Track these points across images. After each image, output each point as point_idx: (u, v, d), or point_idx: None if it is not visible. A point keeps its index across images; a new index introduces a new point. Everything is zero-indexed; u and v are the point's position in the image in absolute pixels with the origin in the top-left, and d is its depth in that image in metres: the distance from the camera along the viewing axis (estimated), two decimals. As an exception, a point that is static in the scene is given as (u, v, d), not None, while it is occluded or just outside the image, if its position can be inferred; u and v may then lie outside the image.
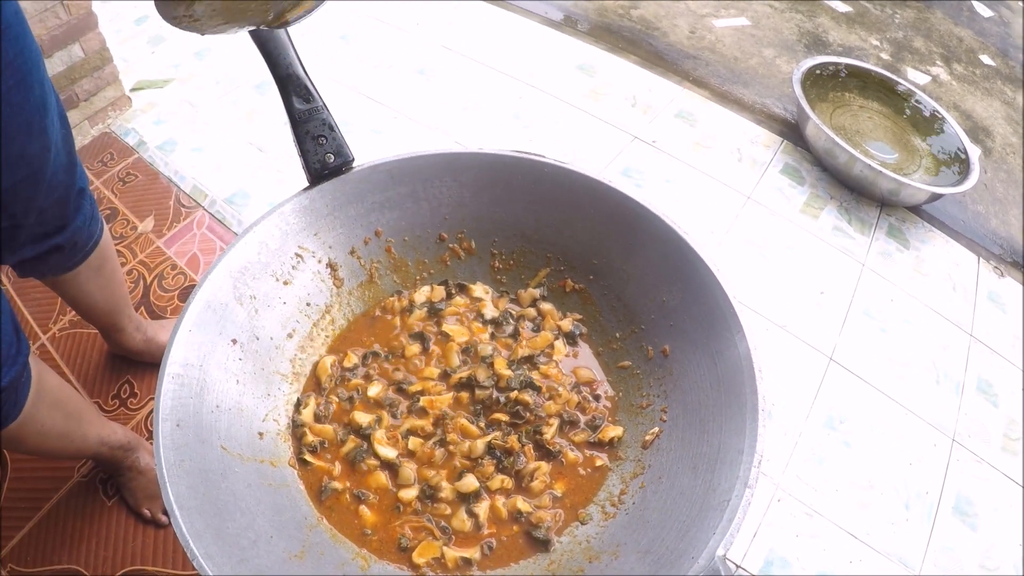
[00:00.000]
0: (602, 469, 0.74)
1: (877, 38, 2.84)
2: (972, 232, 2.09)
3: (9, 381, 0.84)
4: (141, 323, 1.41)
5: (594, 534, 0.68)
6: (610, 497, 0.71)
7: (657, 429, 0.74)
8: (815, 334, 1.71)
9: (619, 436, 0.76)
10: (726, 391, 0.67)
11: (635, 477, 0.71)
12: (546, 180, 0.84)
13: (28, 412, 0.92)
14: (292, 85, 0.76)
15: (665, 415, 0.74)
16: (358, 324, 0.87)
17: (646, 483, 0.69)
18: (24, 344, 0.88)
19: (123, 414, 1.41)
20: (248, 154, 1.95)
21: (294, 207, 0.79)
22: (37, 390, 0.93)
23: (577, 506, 0.71)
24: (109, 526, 1.27)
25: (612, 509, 0.70)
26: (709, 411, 0.68)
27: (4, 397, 0.86)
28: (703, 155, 2.12)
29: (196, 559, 0.52)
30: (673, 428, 0.72)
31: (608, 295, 0.85)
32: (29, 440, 0.97)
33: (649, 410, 0.76)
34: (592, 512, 0.71)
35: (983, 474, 1.53)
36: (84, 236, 1.07)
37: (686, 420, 0.71)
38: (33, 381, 0.92)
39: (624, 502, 0.70)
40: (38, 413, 0.95)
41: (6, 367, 0.83)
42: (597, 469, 0.74)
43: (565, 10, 2.76)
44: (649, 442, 0.73)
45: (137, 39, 2.36)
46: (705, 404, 0.69)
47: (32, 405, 0.92)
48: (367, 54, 2.34)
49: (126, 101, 2.05)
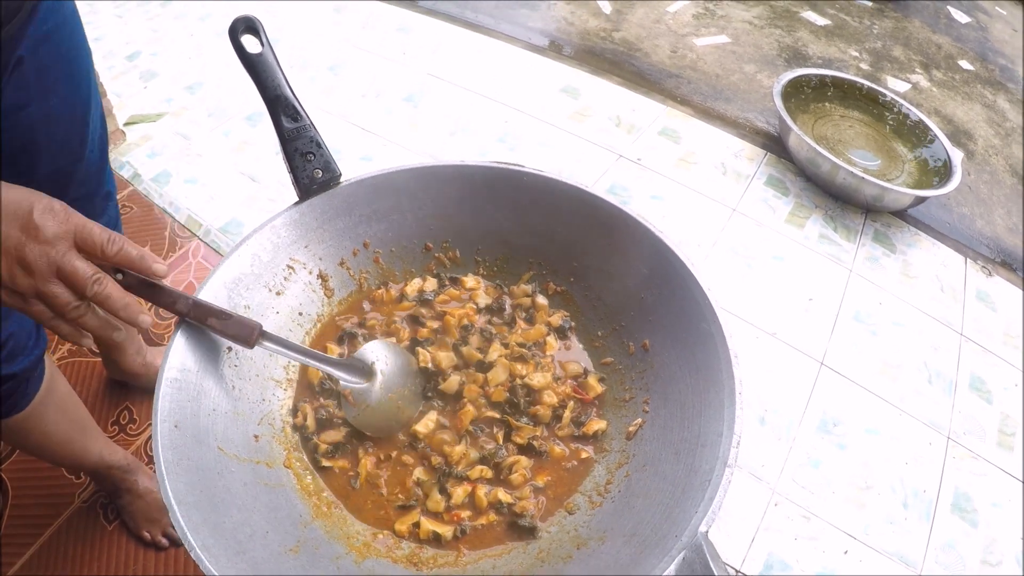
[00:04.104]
0: (587, 461, 0.76)
1: (856, 49, 2.91)
2: (958, 234, 2.13)
3: (23, 369, 0.87)
4: (143, 347, 1.44)
5: (582, 523, 0.70)
6: (596, 487, 0.73)
7: (640, 420, 0.76)
8: (805, 340, 1.73)
9: (603, 429, 0.78)
10: (704, 378, 0.69)
11: (620, 467, 0.73)
12: (525, 188, 0.87)
13: (36, 408, 0.95)
14: (281, 105, 0.80)
15: (647, 406, 0.76)
16: (345, 319, 0.89)
17: (631, 472, 0.71)
18: (43, 339, 0.92)
19: (122, 440, 1.42)
20: (241, 184, 1.99)
21: (285, 221, 0.82)
22: (48, 388, 0.96)
23: (562, 496, 0.73)
24: (110, 551, 1.28)
25: (599, 498, 0.71)
26: (689, 399, 0.70)
27: (16, 384, 0.88)
28: (688, 171, 2.16)
29: (194, 550, 0.53)
30: (655, 418, 0.74)
31: (589, 295, 0.88)
32: (32, 437, 1.00)
33: (632, 403, 0.78)
34: (579, 502, 0.73)
35: (980, 470, 1.55)
36: None
37: (667, 409, 0.73)
38: (45, 379, 0.95)
39: (610, 491, 0.71)
40: (45, 411, 0.97)
41: (22, 355, 0.87)
42: (583, 461, 0.76)
43: (549, 35, 2.83)
44: (633, 433, 0.75)
45: (129, 74, 2.42)
46: (685, 392, 0.71)
47: (40, 402, 0.95)
48: (355, 84, 2.39)
49: (120, 135, 2.10)
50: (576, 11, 3.00)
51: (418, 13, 2.81)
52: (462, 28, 2.74)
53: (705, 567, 0.54)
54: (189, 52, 2.55)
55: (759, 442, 1.52)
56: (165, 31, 2.68)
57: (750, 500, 1.44)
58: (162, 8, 2.83)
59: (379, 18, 2.77)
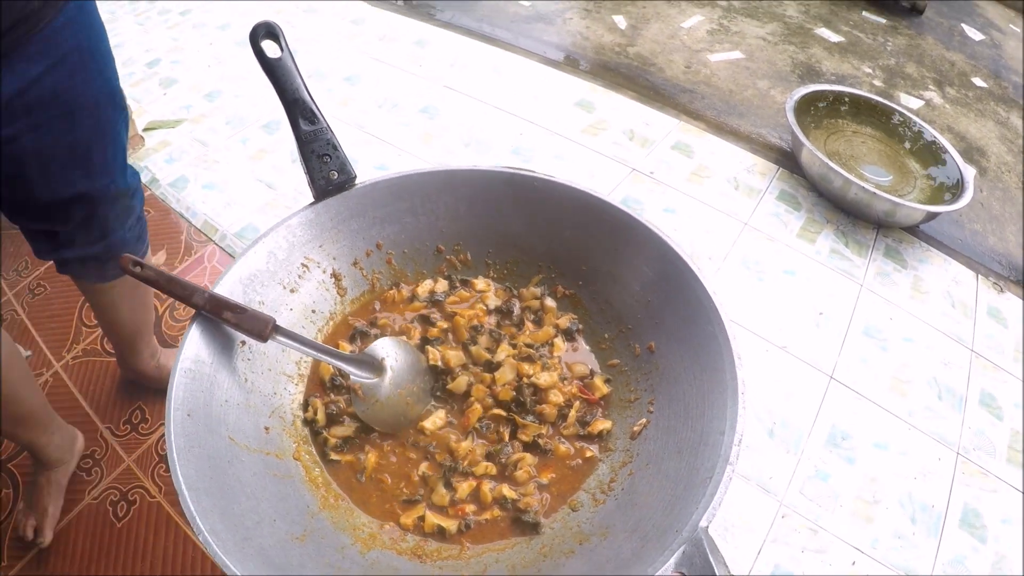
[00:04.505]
0: (592, 460, 0.77)
1: (870, 66, 2.91)
2: (970, 250, 2.12)
3: None
4: (157, 349, 1.46)
5: (585, 519, 0.71)
6: (600, 485, 0.74)
7: (645, 420, 0.77)
8: (815, 354, 1.73)
9: (608, 429, 0.79)
10: (708, 379, 0.70)
11: (624, 465, 0.74)
12: (536, 192, 0.89)
13: None
14: (299, 109, 0.82)
15: (652, 406, 0.77)
16: (356, 318, 0.91)
17: (634, 470, 0.72)
18: None
19: (134, 439, 1.44)
20: (257, 190, 2.02)
21: (300, 220, 0.84)
22: None
23: (565, 493, 0.74)
24: (119, 548, 1.30)
25: (602, 496, 0.72)
26: (693, 399, 0.71)
27: None
28: (700, 184, 2.17)
29: (202, 533, 0.55)
30: (659, 418, 0.75)
31: (597, 298, 0.89)
32: None
33: (637, 403, 0.79)
34: (583, 499, 0.73)
35: (990, 486, 1.53)
36: (127, 251, 1.13)
37: (671, 409, 0.74)
38: None
39: (613, 489, 0.72)
40: None
41: None
42: (587, 460, 0.77)
43: (564, 49, 2.86)
44: (637, 433, 0.76)
45: (149, 81, 2.47)
46: (689, 393, 0.72)
47: None
48: (372, 95, 2.43)
49: (139, 140, 2.14)
50: (592, 26, 3.04)
51: (436, 27, 2.85)
52: (479, 41, 2.77)
53: (704, 561, 0.54)
54: (208, 60, 2.61)
55: (768, 454, 1.52)
56: (185, 39, 2.74)
57: (758, 512, 1.44)
58: (182, 17, 2.89)
59: (397, 31, 2.81)
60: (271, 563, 0.58)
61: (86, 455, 1.41)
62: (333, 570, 0.63)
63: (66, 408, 1.49)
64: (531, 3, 3.18)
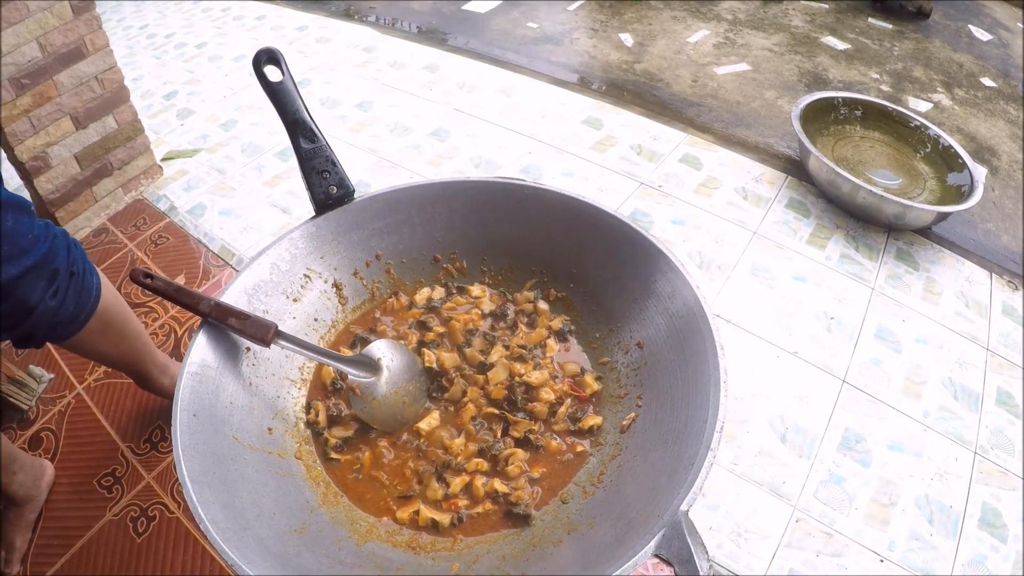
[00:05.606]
0: (582, 454, 0.79)
1: (877, 71, 2.92)
2: (984, 250, 2.11)
3: None
4: (167, 366, 1.49)
5: (574, 510, 0.73)
6: (590, 477, 0.76)
7: (633, 414, 0.79)
8: (827, 358, 1.73)
9: (599, 424, 0.81)
10: (693, 370, 0.72)
11: (613, 458, 0.76)
12: (527, 200, 0.92)
13: None
14: (299, 128, 0.87)
15: (640, 401, 0.79)
16: (357, 325, 0.94)
17: (623, 463, 0.74)
18: None
19: (154, 457, 1.49)
20: (272, 215, 2.08)
21: (302, 233, 0.89)
22: None
23: (556, 487, 0.76)
24: (139, 564, 1.33)
25: (592, 488, 0.74)
26: (679, 390, 0.73)
27: None
28: (709, 196, 2.19)
29: (203, 522, 0.58)
30: (647, 411, 0.77)
31: (588, 300, 0.92)
32: None
33: (627, 398, 0.82)
34: (573, 491, 0.76)
35: (1009, 484, 1.51)
36: (65, 315, 1.10)
37: (659, 402, 0.76)
38: None
39: (603, 481, 0.74)
40: None
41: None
42: (578, 454, 0.79)
43: (572, 69, 2.91)
44: (626, 426, 0.78)
45: (167, 112, 2.57)
46: (675, 385, 0.74)
47: None
48: (384, 120, 2.49)
49: (157, 170, 2.22)
50: (599, 45, 3.09)
51: (446, 51, 2.93)
52: (487, 64, 2.84)
53: (682, 542, 0.56)
54: (224, 91, 2.70)
55: (780, 459, 1.52)
56: (201, 72, 2.84)
57: (771, 516, 1.43)
58: (198, 50, 3.00)
59: (409, 56, 2.89)
60: (268, 552, 0.61)
61: (107, 473, 1.46)
62: (330, 560, 0.65)
63: (88, 429, 1.55)
64: (539, 25, 3.24)
